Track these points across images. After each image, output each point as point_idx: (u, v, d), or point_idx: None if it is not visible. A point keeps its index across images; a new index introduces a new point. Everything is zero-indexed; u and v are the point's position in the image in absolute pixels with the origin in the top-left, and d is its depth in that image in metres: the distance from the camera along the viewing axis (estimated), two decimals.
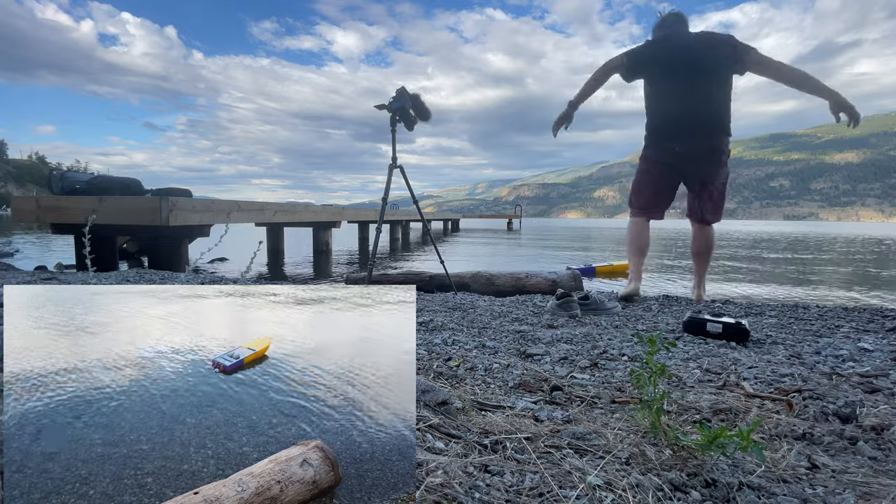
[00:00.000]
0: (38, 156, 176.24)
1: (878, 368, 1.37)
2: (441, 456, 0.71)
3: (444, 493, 0.60)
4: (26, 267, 5.13)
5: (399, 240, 14.16)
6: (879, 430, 0.90)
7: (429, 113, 3.13)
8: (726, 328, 1.78)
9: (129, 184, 5.07)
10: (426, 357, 1.39)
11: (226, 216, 5.08)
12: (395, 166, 3.10)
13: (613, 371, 1.34)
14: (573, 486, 0.64)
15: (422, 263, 7.57)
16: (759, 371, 1.33)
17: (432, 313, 2.21)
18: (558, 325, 2.02)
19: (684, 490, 0.67)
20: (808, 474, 0.74)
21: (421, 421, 0.82)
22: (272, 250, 8.61)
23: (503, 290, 3.60)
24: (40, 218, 4.52)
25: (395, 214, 12.91)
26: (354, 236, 12.37)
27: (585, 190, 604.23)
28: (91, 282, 2.52)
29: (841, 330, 2.04)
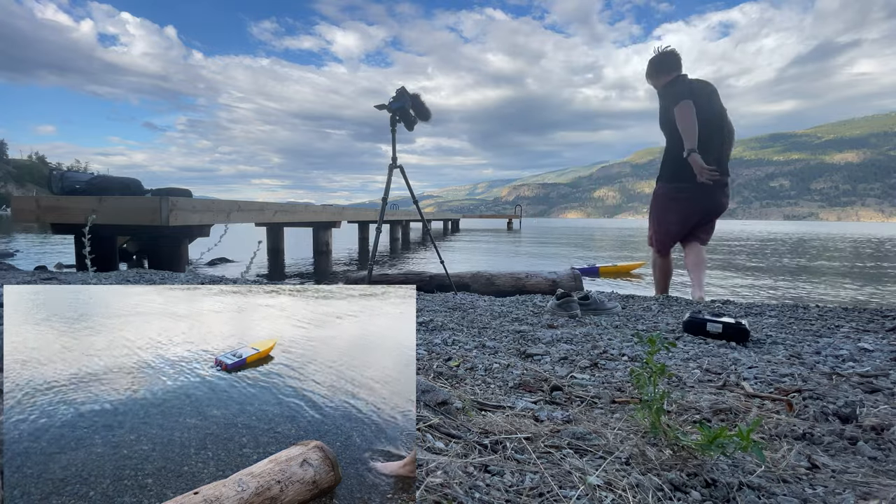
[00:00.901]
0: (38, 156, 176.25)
1: (878, 368, 1.37)
2: (441, 456, 0.71)
3: (444, 493, 0.60)
4: (26, 267, 5.13)
5: (399, 240, 14.16)
6: (879, 430, 0.90)
7: (429, 113, 3.13)
8: (726, 328, 1.78)
9: (129, 184, 5.07)
10: (426, 357, 1.39)
11: (226, 216, 5.08)
12: (395, 166, 3.10)
13: (613, 371, 1.34)
14: (573, 486, 0.64)
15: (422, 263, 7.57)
16: (759, 371, 1.33)
17: (432, 313, 2.21)
18: (558, 325, 2.02)
19: (684, 490, 0.67)
20: (808, 474, 0.74)
21: (421, 421, 0.82)
22: (272, 250, 8.61)
23: (503, 290, 3.60)
24: (40, 218, 4.52)
25: (395, 214, 12.91)
26: (354, 236, 12.37)
27: (585, 190, 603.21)
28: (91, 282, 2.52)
29: (841, 330, 2.04)
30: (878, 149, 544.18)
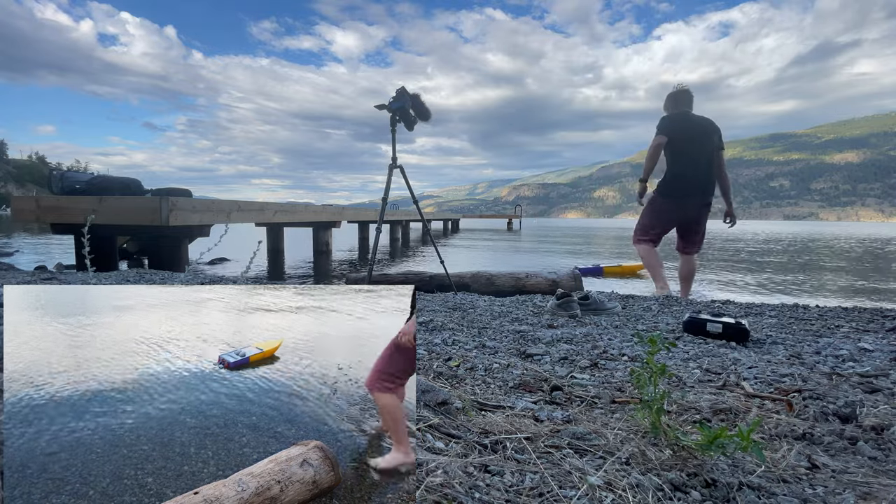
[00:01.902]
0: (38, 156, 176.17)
1: (878, 368, 1.37)
2: (441, 456, 0.71)
3: (444, 493, 0.60)
4: (26, 267, 5.13)
5: (399, 240, 14.16)
6: (879, 430, 0.90)
7: (429, 113, 3.12)
8: (726, 328, 1.78)
9: (129, 184, 5.06)
10: (426, 357, 1.39)
11: (226, 216, 5.08)
12: (395, 166, 3.09)
13: (613, 371, 1.34)
14: (573, 486, 0.64)
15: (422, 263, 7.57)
16: (759, 371, 1.33)
17: (432, 313, 2.21)
18: (558, 325, 2.02)
19: (684, 490, 0.67)
20: (808, 474, 0.74)
21: (421, 421, 0.82)
22: (272, 250, 8.60)
23: (503, 290, 3.60)
24: (40, 218, 4.52)
25: (395, 214, 12.91)
26: (354, 236, 12.37)
27: (585, 190, 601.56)
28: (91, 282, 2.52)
29: (841, 330, 2.04)
30: (878, 149, 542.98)
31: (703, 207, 3.61)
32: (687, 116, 3.64)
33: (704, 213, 3.63)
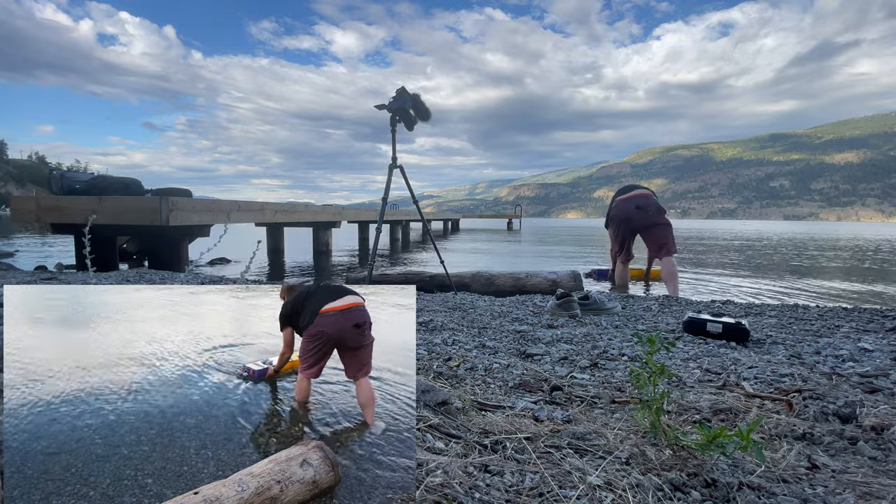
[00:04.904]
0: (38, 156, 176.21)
1: (878, 368, 1.37)
2: (441, 456, 0.71)
3: (444, 493, 0.60)
4: (26, 267, 5.13)
5: (399, 240, 14.16)
6: (879, 430, 0.90)
7: (429, 113, 3.12)
8: (726, 328, 1.78)
9: (128, 184, 5.06)
10: (426, 357, 1.39)
11: (226, 216, 5.08)
12: (395, 166, 3.09)
13: (613, 371, 1.34)
14: (573, 486, 0.64)
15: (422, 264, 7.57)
16: (759, 371, 1.33)
17: (432, 313, 2.21)
18: (558, 325, 2.02)
19: (684, 490, 0.67)
20: (808, 474, 0.74)
21: (421, 421, 0.82)
22: (272, 250, 8.60)
23: (503, 290, 3.60)
24: (40, 218, 4.52)
25: (395, 214, 12.91)
26: (354, 236, 12.36)
27: (585, 190, 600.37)
28: (91, 282, 2.52)
29: (841, 330, 2.04)
30: (878, 149, 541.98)
31: (646, 217, 4.39)
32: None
33: (645, 223, 4.36)
